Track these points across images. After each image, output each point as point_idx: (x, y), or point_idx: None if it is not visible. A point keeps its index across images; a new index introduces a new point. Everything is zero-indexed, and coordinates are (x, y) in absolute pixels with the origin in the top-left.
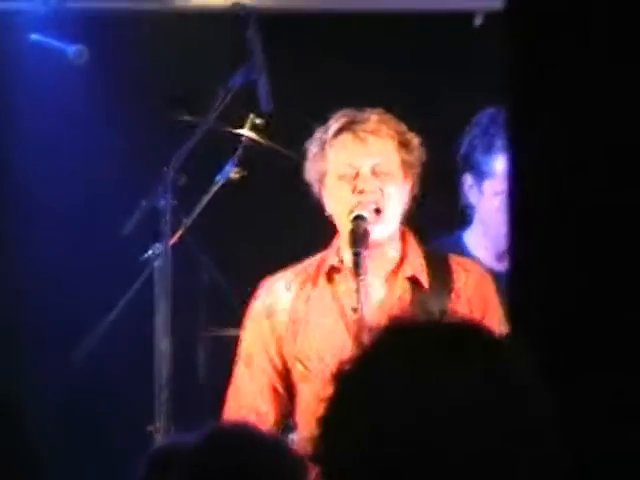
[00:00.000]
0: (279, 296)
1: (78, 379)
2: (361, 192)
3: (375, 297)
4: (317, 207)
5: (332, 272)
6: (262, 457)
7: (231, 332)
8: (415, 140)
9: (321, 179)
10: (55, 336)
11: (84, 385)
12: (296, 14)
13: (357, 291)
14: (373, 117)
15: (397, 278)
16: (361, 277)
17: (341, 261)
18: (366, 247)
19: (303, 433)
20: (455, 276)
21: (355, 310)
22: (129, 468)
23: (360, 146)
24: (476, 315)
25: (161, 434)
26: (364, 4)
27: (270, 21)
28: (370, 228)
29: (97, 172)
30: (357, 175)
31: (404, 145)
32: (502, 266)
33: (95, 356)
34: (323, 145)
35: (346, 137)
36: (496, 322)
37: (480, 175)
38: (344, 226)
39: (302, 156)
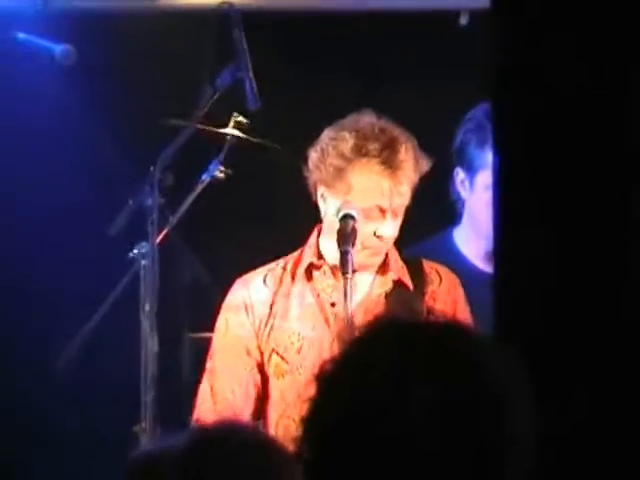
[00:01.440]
0: (257, 290)
1: (64, 378)
2: (380, 237)
3: (360, 295)
4: (302, 207)
5: (311, 268)
6: (251, 458)
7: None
8: (425, 163)
9: (334, 195)
10: (42, 335)
11: (70, 385)
12: (283, 13)
13: (344, 288)
14: (402, 148)
15: (383, 278)
16: (347, 275)
17: (320, 257)
18: (353, 245)
19: (274, 426)
20: (429, 279)
21: (334, 305)
22: (115, 469)
23: (392, 189)
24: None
25: (147, 434)
26: (350, 4)
27: (257, 20)
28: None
29: (84, 171)
30: (383, 217)
31: (419, 172)
32: (490, 267)
33: (81, 356)
34: (347, 164)
35: (378, 171)
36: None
37: (472, 169)
38: (333, 227)
39: (295, 155)
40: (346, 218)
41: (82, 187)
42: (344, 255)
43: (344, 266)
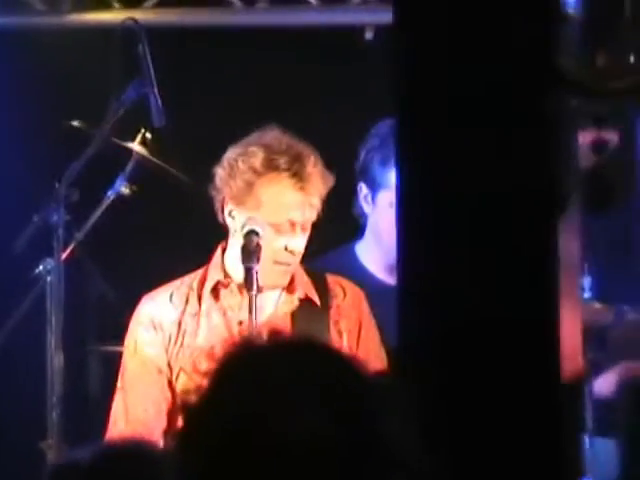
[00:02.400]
0: (164, 308)
1: None
2: (291, 251)
3: (266, 313)
4: (207, 222)
5: (218, 287)
6: (156, 474)
7: (121, 347)
8: (330, 179)
9: (243, 210)
10: None
11: None
12: (186, 29)
13: (249, 306)
14: (310, 162)
15: (290, 296)
16: (252, 292)
17: (227, 276)
18: (258, 261)
19: None
20: (333, 293)
21: (241, 323)
22: None
23: (301, 201)
24: (353, 331)
25: (53, 451)
26: (255, 19)
27: (162, 36)
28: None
29: None
30: (293, 230)
31: (326, 184)
32: (393, 279)
33: None
34: (256, 178)
35: (288, 184)
36: (371, 338)
37: (375, 186)
38: (239, 240)
39: (200, 177)
40: (250, 234)
41: None
42: (248, 272)
43: (249, 283)
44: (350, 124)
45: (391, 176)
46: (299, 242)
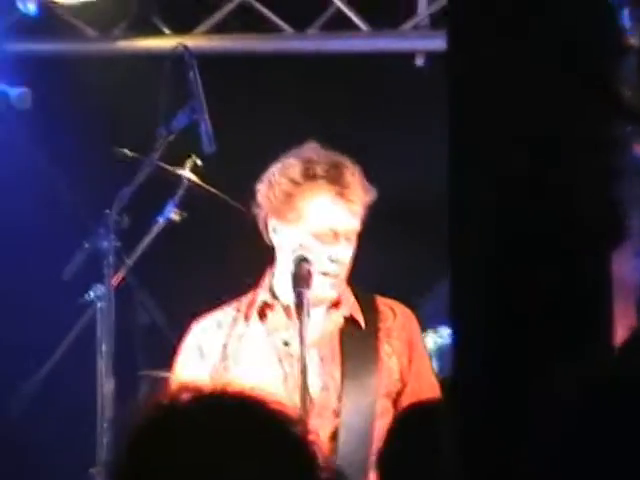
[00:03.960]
0: (211, 335)
1: (22, 420)
2: (336, 260)
3: (311, 332)
4: (256, 246)
5: (265, 308)
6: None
7: (171, 373)
8: (372, 192)
9: (285, 223)
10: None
11: (28, 426)
12: (237, 56)
13: (300, 330)
14: (349, 171)
15: (334, 315)
16: (303, 317)
17: (274, 297)
18: (309, 287)
19: None
20: (382, 316)
21: (286, 344)
22: None
23: (343, 210)
24: (403, 353)
25: (103, 476)
26: (309, 45)
27: (213, 63)
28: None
29: (40, 215)
30: (337, 240)
31: (368, 193)
32: None
33: (38, 398)
34: (295, 189)
35: (328, 193)
36: (422, 362)
37: None
38: (287, 264)
39: (246, 196)
40: (301, 262)
41: (39, 230)
42: (299, 296)
43: (299, 307)
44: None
45: None
46: (343, 252)
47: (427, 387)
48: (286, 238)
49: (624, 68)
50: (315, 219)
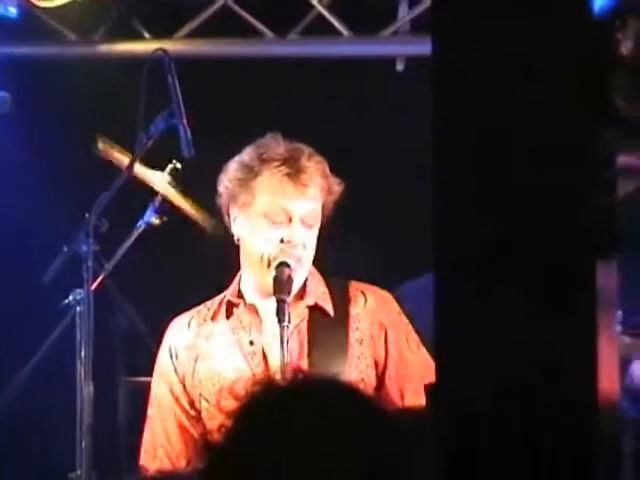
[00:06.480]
0: (181, 335)
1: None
2: (288, 242)
3: (270, 323)
4: (234, 253)
5: (230, 307)
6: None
7: (150, 378)
8: (337, 187)
9: (241, 208)
10: None
11: (5, 431)
12: (217, 60)
13: (280, 337)
14: (305, 156)
15: (299, 308)
16: (284, 324)
17: (239, 296)
18: (289, 294)
19: None
20: (353, 302)
21: (252, 343)
22: None
23: (295, 190)
24: (376, 337)
25: None
26: (285, 50)
27: (192, 67)
28: (293, 275)
29: (18, 219)
30: (289, 221)
31: (329, 192)
32: None
33: (16, 402)
34: (249, 173)
35: (280, 174)
36: (404, 344)
37: None
38: (258, 266)
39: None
40: (281, 266)
41: (17, 234)
42: (280, 304)
43: (280, 315)
44: (380, 154)
45: None
46: (297, 235)
47: (414, 369)
48: (243, 227)
49: (617, 78)
50: (266, 198)
